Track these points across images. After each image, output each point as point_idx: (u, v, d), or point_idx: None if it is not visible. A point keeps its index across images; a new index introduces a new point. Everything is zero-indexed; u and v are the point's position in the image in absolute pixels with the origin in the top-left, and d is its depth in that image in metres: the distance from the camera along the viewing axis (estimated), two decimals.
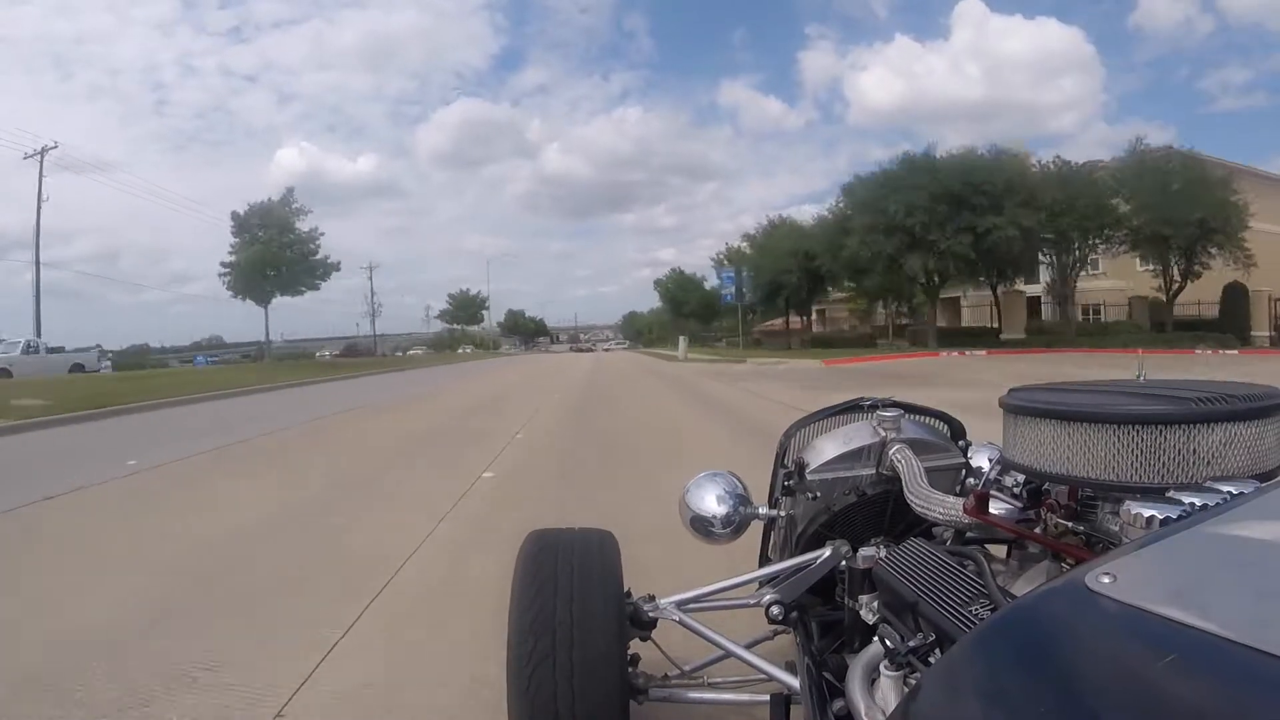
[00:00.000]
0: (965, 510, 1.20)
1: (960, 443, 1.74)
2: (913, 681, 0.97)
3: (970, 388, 11.25)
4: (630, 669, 1.48)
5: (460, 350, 74.71)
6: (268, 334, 38.36)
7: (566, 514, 3.90)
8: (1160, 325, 29.30)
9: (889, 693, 1.01)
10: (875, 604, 1.26)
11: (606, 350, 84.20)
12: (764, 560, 1.92)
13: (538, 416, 9.93)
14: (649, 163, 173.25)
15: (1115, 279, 34.01)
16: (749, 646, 1.59)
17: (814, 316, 49.82)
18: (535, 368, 29.24)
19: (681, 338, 30.70)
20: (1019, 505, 1.25)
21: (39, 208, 30.39)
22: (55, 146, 31.84)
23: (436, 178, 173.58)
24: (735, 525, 1.78)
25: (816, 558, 1.55)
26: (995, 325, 35.43)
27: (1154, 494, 0.89)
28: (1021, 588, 1.11)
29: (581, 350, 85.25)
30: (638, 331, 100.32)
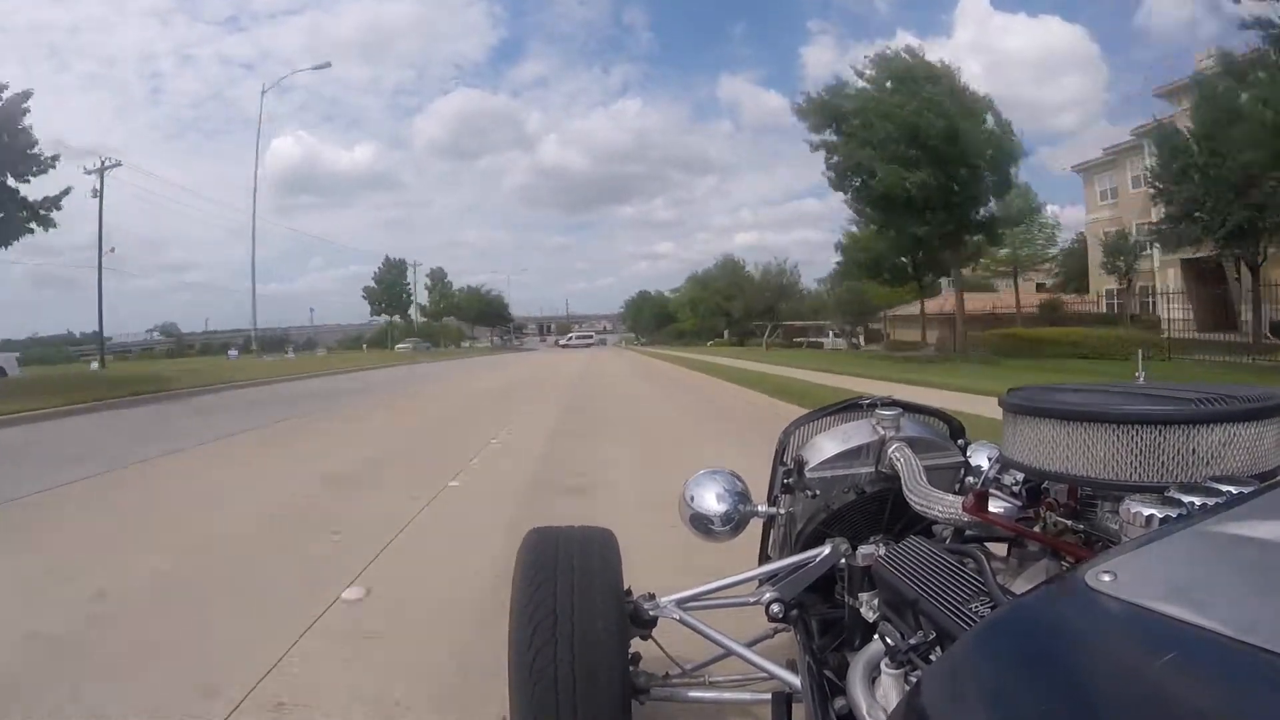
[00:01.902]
0: (964, 508, 1.20)
1: (959, 441, 1.75)
2: (913, 679, 0.98)
3: None
4: (631, 668, 1.48)
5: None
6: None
7: None
8: None
9: (890, 690, 1.01)
10: (875, 602, 1.26)
11: (564, 345, 67.24)
12: (764, 558, 1.92)
13: None
14: (648, 156, 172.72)
15: None
16: (750, 645, 1.59)
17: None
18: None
19: None
20: (1018, 504, 1.25)
21: None
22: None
23: (434, 169, 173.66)
24: (735, 523, 1.78)
25: (816, 555, 1.55)
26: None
27: (1153, 493, 0.89)
28: (1021, 586, 1.12)
29: (570, 345, 68.47)
30: (669, 317, 73.99)
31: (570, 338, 78.71)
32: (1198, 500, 0.81)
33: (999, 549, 1.33)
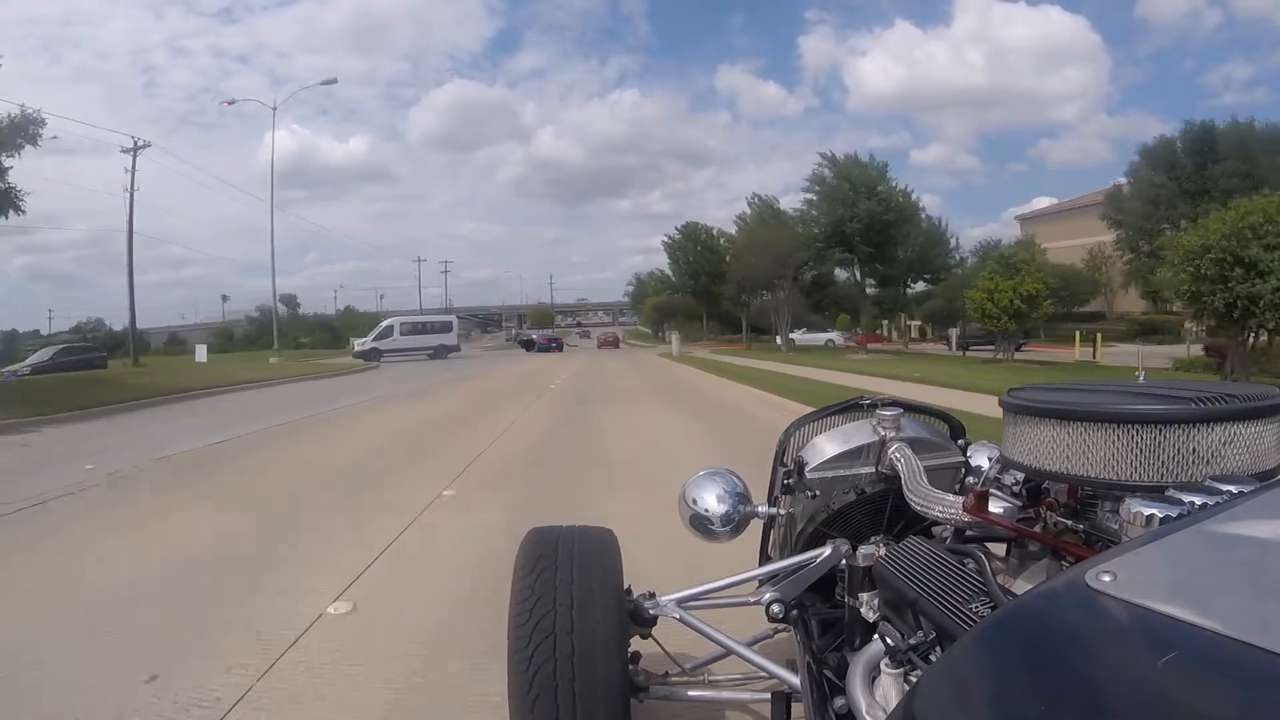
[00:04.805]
0: (965, 509, 1.20)
1: (960, 441, 1.75)
2: (913, 679, 0.98)
3: None
4: (631, 666, 1.48)
5: None
6: None
7: None
8: None
9: (889, 690, 1.01)
10: (875, 602, 1.26)
11: (364, 353, 29.55)
12: (764, 558, 1.92)
13: None
14: (645, 148, 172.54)
15: None
16: (750, 644, 1.59)
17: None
18: None
19: None
20: (1018, 504, 1.25)
21: None
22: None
23: (429, 161, 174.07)
24: (735, 524, 1.78)
25: (817, 556, 1.55)
26: None
27: (1153, 493, 0.89)
28: (1021, 586, 1.12)
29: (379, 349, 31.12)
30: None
31: (394, 327, 34.49)
32: (1198, 500, 0.81)
33: (999, 549, 1.34)
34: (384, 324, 36.31)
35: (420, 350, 33.97)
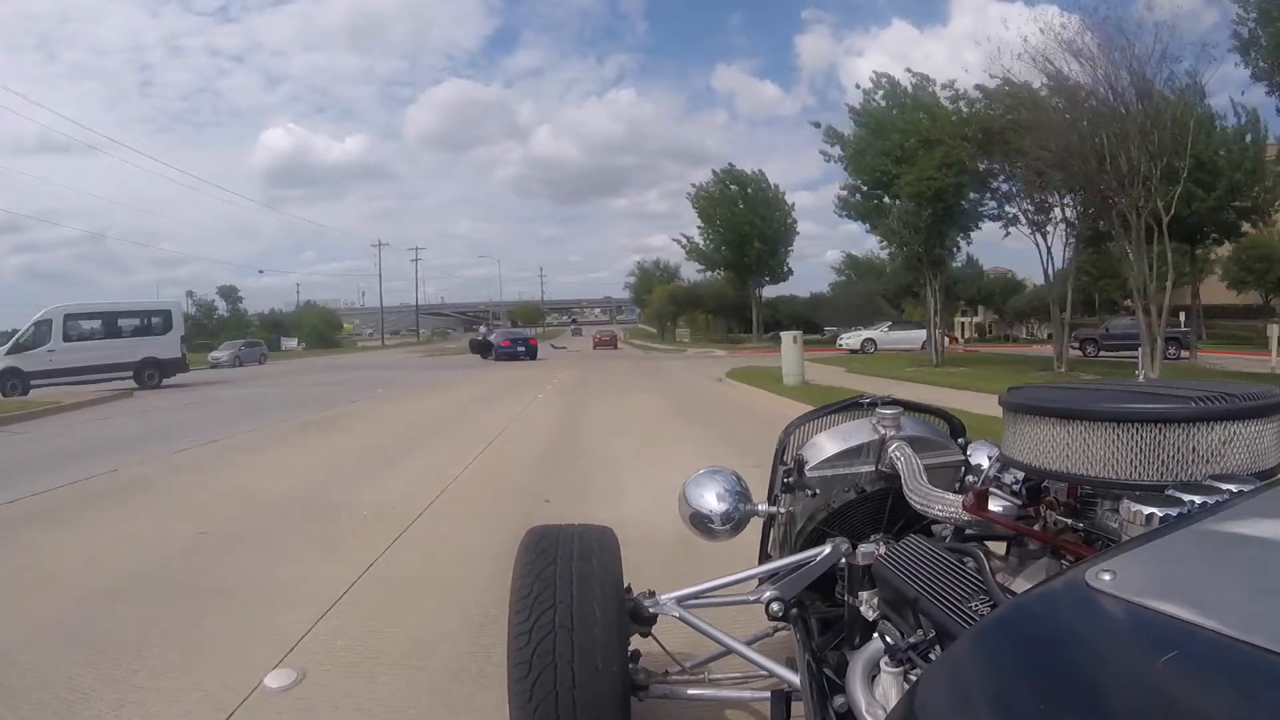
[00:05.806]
0: (964, 507, 1.20)
1: (959, 440, 1.75)
2: (913, 678, 0.98)
3: None
4: (631, 665, 1.48)
5: None
6: None
7: None
8: None
9: (889, 689, 1.01)
10: (875, 601, 1.26)
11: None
12: (764, 557, 1.92)
13: None
14: (642, 147, 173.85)
15: None
16: (749, 643, 1.59)
17: None
18: None
19: None
20: (1018, 503, 1.25)
21: None
22: None
23: (426, 160, 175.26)
24: (735, 522, 1.78)
25: (816, 555, 1.55)
26: None
27: (1153, 492, 0.89)
28: (1021, 585, 1.12)
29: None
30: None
31: (51, 325, 16.46)
32: (1197, 499, 0.81)
33: (999, 548, 1.34)
34: (39, 316, 17.67)
35: (110, 370, 17.15)
